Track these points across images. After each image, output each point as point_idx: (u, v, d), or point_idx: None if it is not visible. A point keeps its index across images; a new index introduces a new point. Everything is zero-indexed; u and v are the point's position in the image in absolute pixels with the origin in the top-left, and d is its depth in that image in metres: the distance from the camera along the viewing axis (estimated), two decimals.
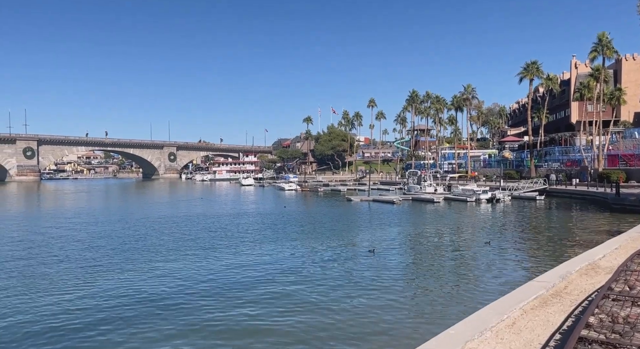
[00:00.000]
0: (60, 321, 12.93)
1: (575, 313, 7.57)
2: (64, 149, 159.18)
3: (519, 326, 6.87)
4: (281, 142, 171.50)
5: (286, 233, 29.66)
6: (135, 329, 12.15)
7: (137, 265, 20.13)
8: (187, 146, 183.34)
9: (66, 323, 12.70)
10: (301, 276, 17.92)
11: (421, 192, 58.48)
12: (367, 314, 13.09)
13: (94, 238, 28.09)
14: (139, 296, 15.29)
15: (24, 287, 16.50)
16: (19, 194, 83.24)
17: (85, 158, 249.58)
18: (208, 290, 15.93)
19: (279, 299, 14.63)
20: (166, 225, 34.25)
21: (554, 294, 8.72)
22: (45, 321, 12.97)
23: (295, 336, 11.63)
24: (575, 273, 10.40)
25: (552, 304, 8.06)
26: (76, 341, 11.55)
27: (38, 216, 44.56)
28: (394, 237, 27.66)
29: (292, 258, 21.58)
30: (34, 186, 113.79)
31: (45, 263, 20.62)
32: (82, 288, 16.39)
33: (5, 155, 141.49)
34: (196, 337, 11.63)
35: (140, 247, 24.76)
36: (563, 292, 8.90)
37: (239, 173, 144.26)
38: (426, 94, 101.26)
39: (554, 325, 6.97)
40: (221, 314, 13.30)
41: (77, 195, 79.81)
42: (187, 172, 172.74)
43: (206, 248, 24.17)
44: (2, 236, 29.27)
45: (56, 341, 11.51)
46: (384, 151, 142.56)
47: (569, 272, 10.30)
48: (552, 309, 7.80)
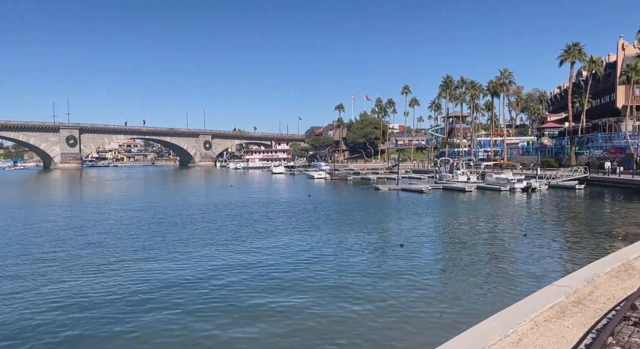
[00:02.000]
0: (95, 304, 13.21)
1: (598, 327, 6.55)
2: (104, 138, 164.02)
3: (526, 344, 5.91)
4: (314, 130, 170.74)
5: (305, 223, 28.98)
6: (165, 315, 12.34)
7: (167, 252, 20.19)
8: (221, 134, 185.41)
9: (96, 307, 12.93)
10: (319, 269, 17.25)
11: (453, 181, 56.65)
12: (386, 312, 12.37)
13: (128, 225, 28.51)
14: (169, 281, 15.49)
15: (59, 270, 16.61)
16: (63, 181, 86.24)
17: (126, 146, 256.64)
18: (226, 279, 15.65)
19: (299, 293, 14.16)
20: (195, 213, 34.27)
21: (576, 301, 7.67)
22: (86, 302, 13.45)
23: (318, 328, 11.36)
24: (604, 276, 9.23)
25: (571, 315, 7.03)
26: (110, 323, 11.79)
27: (80, 202, 45.99)
28: (421, 229, 26.50)
29: (309, 250, 20.91)
30: (76, 174, 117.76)
31: (82, 247, 20.90)
32: (112, 273, 16.49)
33: (49, 143, 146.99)
34: (225, 325, 11.55)
35: (171, 234, 24.83)
36: (587, 299, 7.82)
37: (271, 161, 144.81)
38: (461, 80, 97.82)
39: (569, 343, 5.98)
40: (245, 304, 13.18)
41: (117, 182, 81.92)
42: (222, 160, 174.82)
43: (224, 238, 23.85)
44: (46, 221, 30.01)
45: (97, 321, 11.84)
46: (418, 138, 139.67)
47: (597, 274, 9.14)
48: (570, 321, 6.78)
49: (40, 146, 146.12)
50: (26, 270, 17.19)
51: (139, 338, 10.99)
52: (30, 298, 13.93)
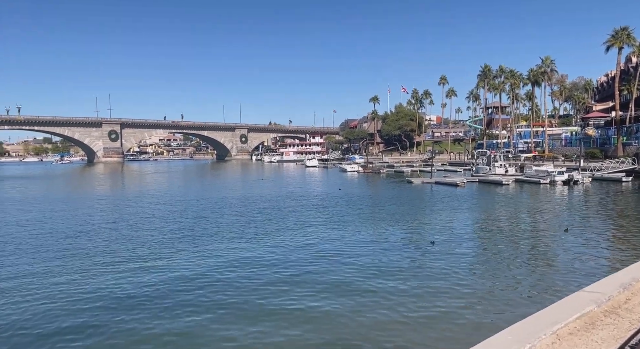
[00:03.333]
0: (125, 296, 13.32)
1: (633, 342, 5.69)
2: (144, 132, 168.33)
3: None
4: (348, 122, 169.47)
5: (334, 218, 28.38)
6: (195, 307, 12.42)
7: (197, 246, 20.18)
8: (257, 128, 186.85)
9: (130, 296, 12.96)
10: (344, 267, 16.69)
11: (489, 173, 54.69)
12: (409, 313, 11.75)
13: (162, 217, 28.90)
14: (197, 275, 15.52)
15: (91, 262, 16.84)
16: (105, 174, 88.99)
17: (166, 140, 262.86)
18: (252, 275, 15.41)
19: (327, 289, 13.78)
20: (227, 206, 34.39)
21: (609, 311, 6.77)
22: (126, 290, 13.64)
23: (344, 326, 11.03)
24: None
25: (602, 327, 6.17)
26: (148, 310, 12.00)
27: (120, 195, 47.18)
28: (454, 224, 25.35)
29: (334, 246, 20.35)
30: (117, 167, 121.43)
31: (117, 240, 21.17)
32: (142, 266, 16.50)
33: (93, 138, 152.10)
34: (254, 320, 11.43)
35: (202, 227, 24.85)
36: (622, 308, 6.91)
37: (305, 154, 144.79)
38: (499, 69, 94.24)
39: None
40: (272, 299, 13.00)
41: (156, 175, 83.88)
42: (257, 153, 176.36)
43: (254, 232, 23.62)
44: (88, 213, 30.78)
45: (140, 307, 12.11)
46: (456, 130, 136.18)
47: (637, 278, 8.15)
48: (601, 334, 5.94)
49: (84, 140, 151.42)
50: (59, 262, 17.47)
51: (169, 330, 10.94)
52: (65, 289, 14.09)
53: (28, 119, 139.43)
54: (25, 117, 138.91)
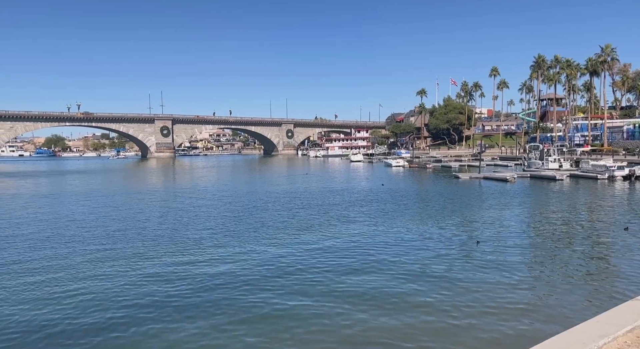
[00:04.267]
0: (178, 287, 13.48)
1: None
2: (194, 128, 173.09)
3: None
4: (395, 116, 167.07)
5: (374, 214, 27.88)
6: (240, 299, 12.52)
7: (238, 240, 20.31)
8: (303, 123, 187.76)
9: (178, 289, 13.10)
10: (382, 266, 16.28)
11: (542, 168, 52.20)
12: (451, 317, 11.22)
13: (208, 210, 29.40)
14: (237, 270, 15.60)
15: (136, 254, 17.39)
16: (157, 169, 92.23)
17: (216, 136, 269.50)
18: (293, 270, 15.26)
19: (366, 291, 13.36)
20: (271, 200, 34.60)
21: None
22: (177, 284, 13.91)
23: (392, 329, 10.62)
24: None
25: None
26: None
27: (172, 188, 48.77)
28: (502, 222, 24.20)
29: (371, 244, 19.93)
30: (169, 162, 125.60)
31: (163, 233, 21.82)
32: (181, 260, 16.81)
33: (146, 134, 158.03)
34: (291, 318, 11.36)
35: (245, 222, 25.07)
36: None
37: (350, 149, 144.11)
38: (555, 59, 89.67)
39: None
40: (312, 296, 12.86)
41: (206, 170, 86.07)
42: (303, 148, 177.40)
43: (296, 227, 23.57)
44: (140, 207, 31.89)
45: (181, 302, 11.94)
46: (507, 123, 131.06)
47: None
48: None
49: (138, 136, 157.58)
50: (108, 253, 18.09)
51: (212, 325, 10.92)
52: (113, 281, 14.51)
53: (87, 116, 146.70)
54: (84, 114, 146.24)
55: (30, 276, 15.27)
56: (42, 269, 16.04)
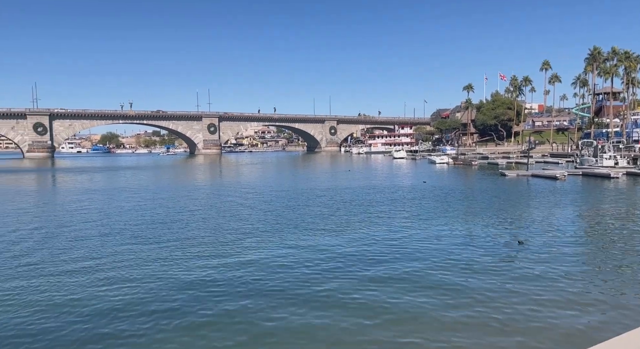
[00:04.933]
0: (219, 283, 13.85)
1: None
2: (239, 125, 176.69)
3: None
4: (440, 112, 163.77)
5: (413, 212, 27.58)
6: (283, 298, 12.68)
7: (276, 237, 20.59)
8: (346, 120, 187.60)
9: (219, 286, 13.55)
10: (418, 266, 16.17)
11: (596, 165, 49.78)
12: (492, 320, 11.02)
13: (254, 206, 29.99)
14: (275, 265, 15.75)
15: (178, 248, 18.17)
16: (205, 165, 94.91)
17: (260, 133, 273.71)
18: (329, 268, 15.45)
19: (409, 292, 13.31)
20: (312, 196, 34.81)
21: None
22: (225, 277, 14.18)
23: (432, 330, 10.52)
24: None
25: None
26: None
27: (218, 184, 50.18)
28: (549, 222, 23.17)
29: (409, 242, 19.75)
30: (216, 158, 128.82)
31: (206, 228, 22.62)
32: (229, 254, 17.40)
33: (194, 131, 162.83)
34: (331, 314, 11.44)
35: (285, 217, 25.42)
36: None
37: (393, 146, 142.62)
38: (612, 51, 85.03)
39: None
40: (351, 294, 12.85)
41: (251, 166, 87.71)
42: (346, 145, 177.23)
43: (335, 223, 23.73)
44: (186, 202, 33.01)
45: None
46: (559, 118, 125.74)
47: None
48: None
49: (187, 133, 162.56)
50: (153, 246, 18.92)
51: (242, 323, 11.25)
52: (155, 274, 15.20)
53: (138, 114, 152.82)
54: (136, 111, 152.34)
55: (74, 268, 16.12)
56: (87, 263, 16.83)
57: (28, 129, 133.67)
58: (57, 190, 47.46)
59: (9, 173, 72.01)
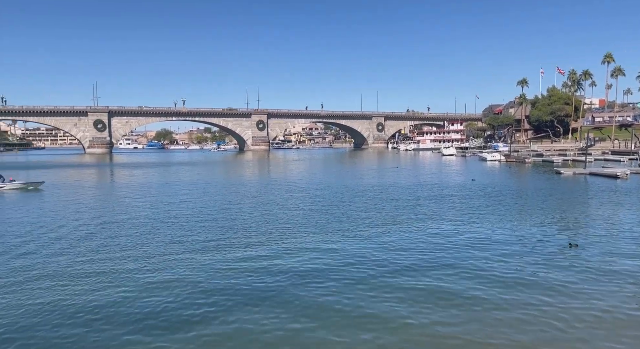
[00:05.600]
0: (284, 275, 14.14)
1: None
2: (287, 122, 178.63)
3: None
4: (492, 108, 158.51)
5: (461, 211, 26.88)
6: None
7: (320, 232, 20.77)
8: (394, 116, 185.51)
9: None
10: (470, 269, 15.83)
11: None
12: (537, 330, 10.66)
13: (298, 202, 30.37)
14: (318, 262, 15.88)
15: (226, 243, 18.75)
16: (253, 161, 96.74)
17: (308, 129, 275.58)
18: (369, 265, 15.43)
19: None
20: (357, 193, 34.78)
21: None
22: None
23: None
24: None
25: None
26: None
27: (266, 179, 51.27)
28: (607, 224, 21.95)
29: (453, 243, 19.30)
30: (264, 155, 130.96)
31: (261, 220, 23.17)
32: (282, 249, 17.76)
33: (243, 128, 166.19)
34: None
35: (330, 213, 25.58)
36: None
37: (442, 142, 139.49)
38: None
39: None
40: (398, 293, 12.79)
41: (298, 162, 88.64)
42: (393, 142, 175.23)
43: (380, 220, 23.60)
44: (232, 198, 33.82)
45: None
46: (622, 114, 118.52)
47: None
48: None
49: (236, 130, 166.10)
50: (201, 237, 19.57)
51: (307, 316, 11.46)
52: (204, 267, 15.74)
53: (190, 111, 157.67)
54: (188, 109, 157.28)
55: (129, 260, 16.87)
56: (137, 254, 17.61)
57: (89, 126, 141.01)
58: (116, 184, 49.83)
59: (72, 168, 76.37)
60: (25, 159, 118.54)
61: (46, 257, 16.86)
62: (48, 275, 14.63)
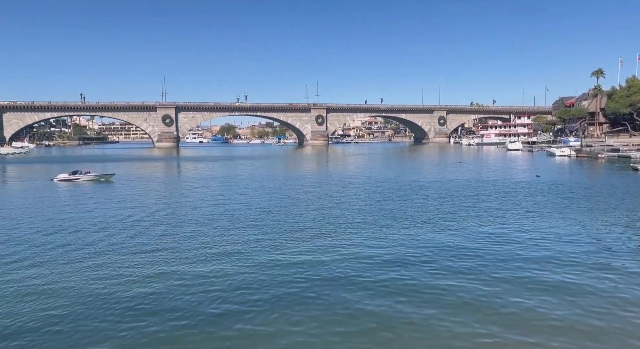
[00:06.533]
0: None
1: None
2: (346, 116, 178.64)
3: None
4: (563, 101, 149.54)
5: (524, 207, 25.67)
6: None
7: (385, 228, 20.70)
8: (456, 109, 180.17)
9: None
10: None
11: None
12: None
13: (356, 196, 30.50)
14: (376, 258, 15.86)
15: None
16: (312, 155, 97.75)
17: (367, 124, 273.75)
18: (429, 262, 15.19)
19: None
20: (414, 188, 34.24)
21: None
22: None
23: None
24: None
25: None
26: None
27: (325, 173, 51.59)
28: None
29: (512, 239, 18.51)
30: (323, 149, 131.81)
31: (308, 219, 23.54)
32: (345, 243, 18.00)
33: (303, 122, 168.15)
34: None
35: (388, 209, 25.43)
36: None
37: (508, 136, 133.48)
38: None
39: None
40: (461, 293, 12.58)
41: (356, 157, 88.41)
42: (455, 136, 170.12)
43: (437, 217, 23.12)
44: (290, 192, 34.37)
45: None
46: None
47: None
48: None
49: (296, 124, 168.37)
50: (255, 230, 20.09)
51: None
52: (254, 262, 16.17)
53: (252, 106, 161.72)
54: (250, 104, 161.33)
55: (186, 251, 17.59)
56: (194, 246, 18.29)
57: (157, 121, 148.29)
58: (180, 177, 52.12)
59: (141, 161, 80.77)
60: (101, 152, 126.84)
61: (107, 244, 18.00)
62: (110, 263, 15.58)
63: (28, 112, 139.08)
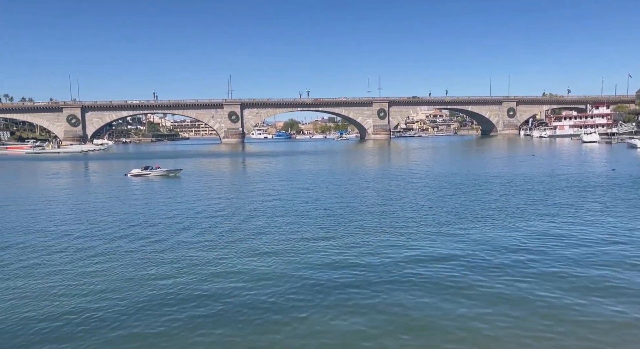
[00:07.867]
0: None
1: None
2: (409, 109, 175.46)
3: None
4: None
5: (594, 204, 23.96)
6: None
7: (449, 226, 20.29)
8: (527, 100, 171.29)
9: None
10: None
11: None
12: None
13: (418, 193, 29.99)
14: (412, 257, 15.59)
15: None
16: (373, 150, 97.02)
17: (432, 116, 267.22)
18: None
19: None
20: (478, 183, 33.01)
21: None
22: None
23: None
24: None
25: None
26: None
27: (387, 168, 51.12)
28: None
29: (589, 242, 17.33)
30: (385, 143, 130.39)
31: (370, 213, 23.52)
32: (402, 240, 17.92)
33: (364, 116, 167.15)
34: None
35: (450, 206, 24.82)
36: None
37: (583, 128, 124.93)
38: None
39: None
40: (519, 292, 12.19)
41: (419, 151, 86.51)
42: (526, 128, 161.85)
43: (503, 214, 22.20)
44: (352, 187, 34.39)
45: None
46: None
47: None
48: None
49: (357, 119, 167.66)
50: (315, 225, 20.29)
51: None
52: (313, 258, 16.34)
53: (314, 101, 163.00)
54: (312, 99, 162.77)
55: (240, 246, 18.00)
56: (256, 243, 18.65)
57: (224, 118, 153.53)
58: (244, 173, 53.69)
59: (208, 157, 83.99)
60: (172, 149, 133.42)
61: (170, 238, 18.82)
62: (174, 258, 16.27)
63: (107, 111, 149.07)
